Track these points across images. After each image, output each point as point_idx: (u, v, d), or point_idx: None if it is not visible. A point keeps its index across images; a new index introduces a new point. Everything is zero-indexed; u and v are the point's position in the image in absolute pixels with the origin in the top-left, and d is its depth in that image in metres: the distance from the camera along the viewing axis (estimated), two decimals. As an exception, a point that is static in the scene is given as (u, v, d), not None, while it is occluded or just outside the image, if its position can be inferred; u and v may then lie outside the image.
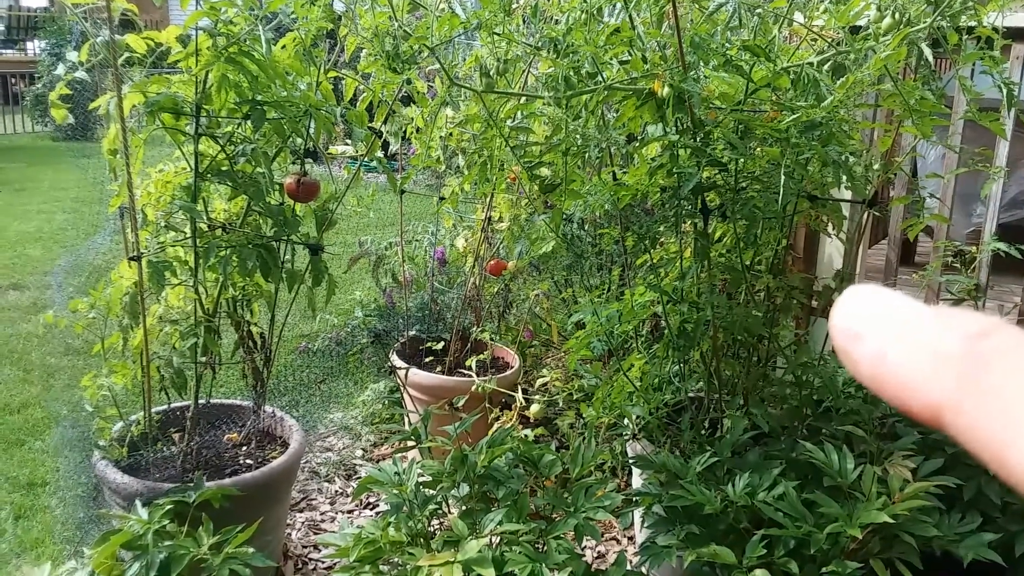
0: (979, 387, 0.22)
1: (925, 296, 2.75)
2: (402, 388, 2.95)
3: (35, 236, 6.00)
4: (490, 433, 1.99)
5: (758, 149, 1.87)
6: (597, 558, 2.58)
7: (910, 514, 1.70)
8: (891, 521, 1.64)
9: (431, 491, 1.81)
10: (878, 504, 1.68)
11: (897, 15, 1.60)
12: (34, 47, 13.10)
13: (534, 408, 2.87)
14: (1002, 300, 2.80)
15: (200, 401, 2.30)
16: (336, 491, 2.93)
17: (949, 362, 0.23)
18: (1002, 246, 2.23)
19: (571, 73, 1.68)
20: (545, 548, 1.68)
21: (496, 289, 3.29)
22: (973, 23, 1.64)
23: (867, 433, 1.95)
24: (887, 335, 0.25)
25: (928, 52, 1.61)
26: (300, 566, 2.48)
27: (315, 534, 2.65)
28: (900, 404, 0.24)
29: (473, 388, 2.79)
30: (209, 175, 2.07)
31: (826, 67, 1.72)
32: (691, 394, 2.26)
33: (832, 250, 2.96)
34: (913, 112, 1.67)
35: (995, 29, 1.63)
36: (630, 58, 1.72)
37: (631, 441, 2.28)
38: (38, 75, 10.60)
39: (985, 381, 0.22)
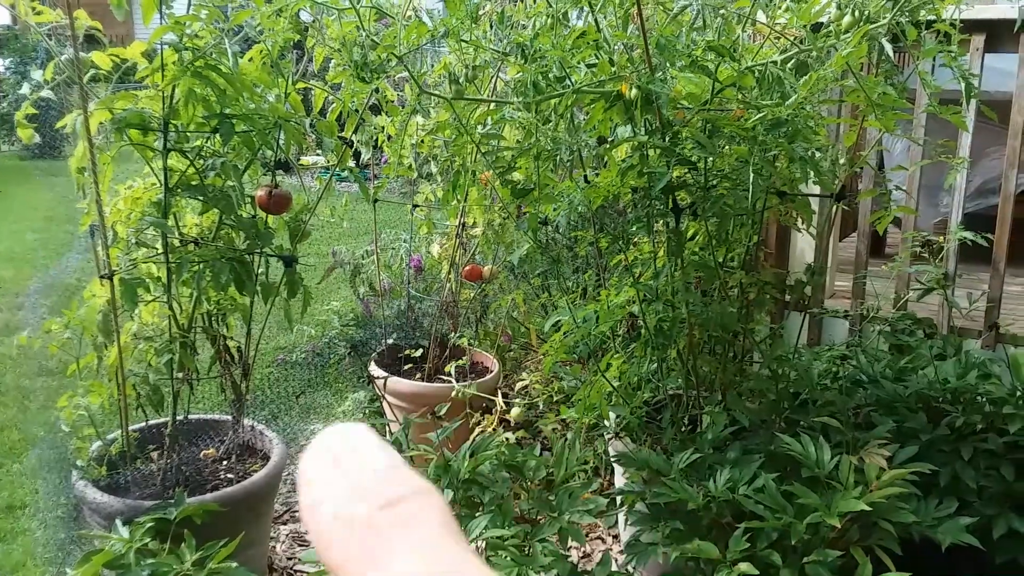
0: (368, 555, 0.23)
1: (895, 286, 2.79)
2: (381, 397, 2.95)
3: (5, 257, 5.91)
4: (472, 438, 2.00)
5: (726, 147, 1.90)
6: (583, 558, 2.59)
7: (888, 501, 1.72)
8: (869, 509, 1.67)
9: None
10: (856, 493, 1.70)
11: (857, 12, 1.63)
12: (-3, 65, 12.90)
13: (515, 411, 2.88)
14: (971, 288, 2.84)
15: (178, 417, 2.29)
16: (319, 502, 2.91)
17: (355, 526, 0.23)
18: (968, 235, 2.27)
19: (540, 78, 1.69)
20: (531, 551, 1.69)
21: (473, 294, 3.30)
22: (932, 17, 1.68)
23: (843, 423, 1.98)
24: (327, 489, 0.24)
25: (889, 48, 1.64)
26: (285, 579, 2.46)
27: (300, 546, 2.64)
28: (319, 557, 0.24)
29: (453, 394, 2.80)
30: (179, 190, 2.06)
31: (790, 65, 1.75)
32: (670, 391, 2.28)
33: (804, 244, 3.00)
34: (876, 107, 1.70)
35: (952, 24, 1.66)
36: (597, 61, 1.74)
37: (613, 439, 2.29)
38: (2, 94, 10.43)
39: (374, 551, 0.22)
